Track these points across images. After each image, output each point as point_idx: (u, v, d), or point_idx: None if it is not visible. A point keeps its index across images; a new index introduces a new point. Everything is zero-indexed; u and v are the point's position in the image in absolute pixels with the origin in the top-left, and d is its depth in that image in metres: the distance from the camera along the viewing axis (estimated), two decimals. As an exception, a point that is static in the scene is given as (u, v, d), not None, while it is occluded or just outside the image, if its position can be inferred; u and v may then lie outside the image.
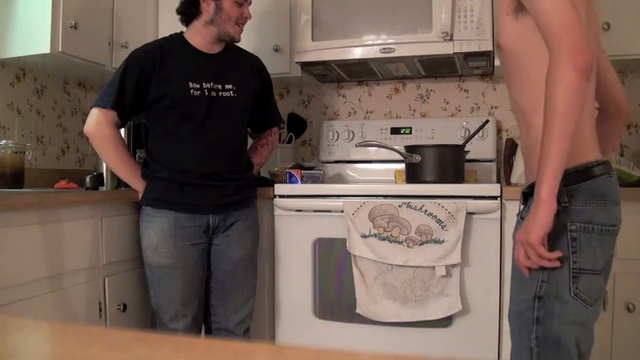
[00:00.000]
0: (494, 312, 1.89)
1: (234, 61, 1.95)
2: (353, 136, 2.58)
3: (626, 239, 1.81)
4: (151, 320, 1.88)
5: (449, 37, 2.13)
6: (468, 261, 1.89)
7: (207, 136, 1.84)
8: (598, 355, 1.80)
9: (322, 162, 2.65)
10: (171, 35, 1.93)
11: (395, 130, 2.55)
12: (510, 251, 1.90)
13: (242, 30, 1.91)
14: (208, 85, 1.84)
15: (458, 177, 2.04)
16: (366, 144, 2.20)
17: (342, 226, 1.97)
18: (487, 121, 2.19)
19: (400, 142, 2.34)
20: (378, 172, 2.52)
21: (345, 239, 1.95)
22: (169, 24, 2.53)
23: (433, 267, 1.87)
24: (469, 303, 1.89)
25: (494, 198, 1.89)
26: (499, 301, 1.89)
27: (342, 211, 1.96)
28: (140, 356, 0.39)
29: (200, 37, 1.87)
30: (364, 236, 1.93)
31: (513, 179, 2.06)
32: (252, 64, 2.01)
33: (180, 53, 1.86)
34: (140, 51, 1.85)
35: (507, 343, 1.89)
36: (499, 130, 2.52)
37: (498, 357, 1.90)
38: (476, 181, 2.31)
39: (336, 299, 2.06)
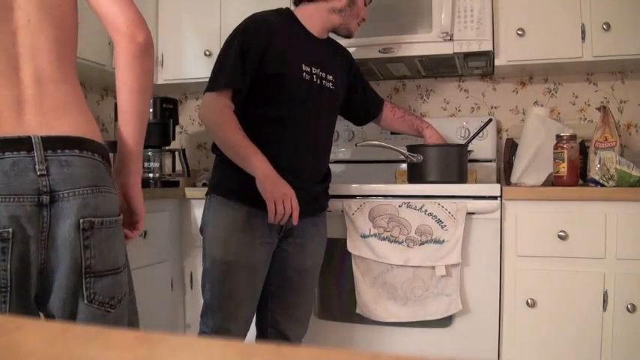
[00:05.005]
0: (494, 312, 1.89)
1: (335, 51, 1.87)
2: (353, 136, 2.58)
3: (626, 239, 1.81)
4: (202, 315, 1.73)
5: (449, 37, 2.13)
6: (468, 261, 1.89)
7: (311, 129, 1.70)
8: (598, 355, 1.81)
9: (322, 162, 2.65)
10: (277, 9, 1.77)
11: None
12: (509, 250, 1.91)
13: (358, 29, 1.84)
14: (317, 71, 1.71)
15: (460, 177, 2.03)
16: (366, 144, 2.20)
17: (342, 226, 1.97)
18: (490, 120, 2.18)
19: (400, 142, 2.34)
20: (378, 172, 2.52)
21: (345, 239, 1.95)
22: (169, 24, 2.54)
23: (433, 267, 1.87)
24: (469, 303, 1.89)
25: (494, 198, 1.89)
26: (499, 301, 1.90)
27: (342, 211, 1.96)
28: (140, 356, 0.39)
29: (319, 20, 1.74)
30: (364, 236, 1.93)
31: (513, 179, 2.06)
32: (346, 57, 1.94)
33: (291, 30, 1.71)
34: (252, 21, 1.67)
35: (507, 343, 1.90)
36: (499, 130, 2.52)
37: (498, 357, 1.90)
38: (476, 181, 2.31)
39: (336, 299, 2.06)
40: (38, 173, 0.96)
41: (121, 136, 1.12)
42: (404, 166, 2.20)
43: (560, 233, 1.84)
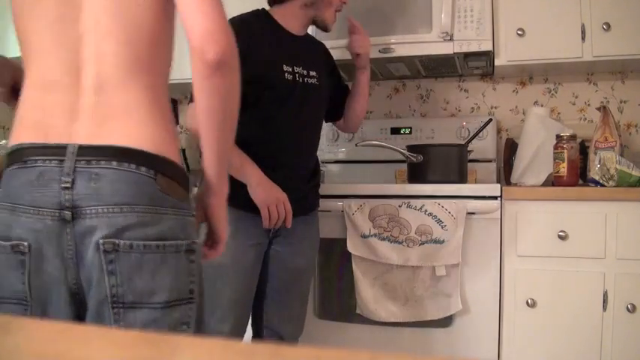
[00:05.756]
0: (494, 312, 1.89)
1: (314, 46, 1.85)
2: (353, 136, 2.58)
3: (626, 239, 1.81)
4: (196, 318, 1.76)
5: (449, 37, 2.13)
6: (467, 261, 1.89)
7: (297, 128, 1.70)
8: (598, 355, 1.81)
9: (322, 162, 2.65)
10: (253, 11, 1.75)
11: (395, 130, 2.55)
12: (509, 250, 1.91)
13: (335, 19, 1.79)
14: (299, 70, 1.71)
15: (461, 177, 2.03)
16: (366, 144, 2.20)
17: (342, 226, 1.97)
18: (490, 120, 2.19)
19: (400, 142, 2.34)
20: (378, 172, 2.52)
21: (345, 239, 1.95)
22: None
23: (433, 267, 1.87)
24: (469, 303, 1.89)
25: (494, 198, 1.89)
26: (499, 301, 1.90)
27: (342, 211, 1.96)
28: (140, 356, 0.39)
29: (294, 19, 1.74)
30: (364, 236, 1.93)
31: (513, 179, 2.06)
32: (324, 51, 1.93)
33: (268, 31, 1.70)
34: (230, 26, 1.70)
35: (507, 343, 1.90)
36: (499, 130, 2.52)
37: (498, 357, 1.90)
38: (476, 181, 2.31)
39: (336, 299, 2.06)
40: (62, 186, 0.87)
41: (202, 157, 1.05)
42: (404, 166, 2.20)
43: (560, 233, 1.84)
